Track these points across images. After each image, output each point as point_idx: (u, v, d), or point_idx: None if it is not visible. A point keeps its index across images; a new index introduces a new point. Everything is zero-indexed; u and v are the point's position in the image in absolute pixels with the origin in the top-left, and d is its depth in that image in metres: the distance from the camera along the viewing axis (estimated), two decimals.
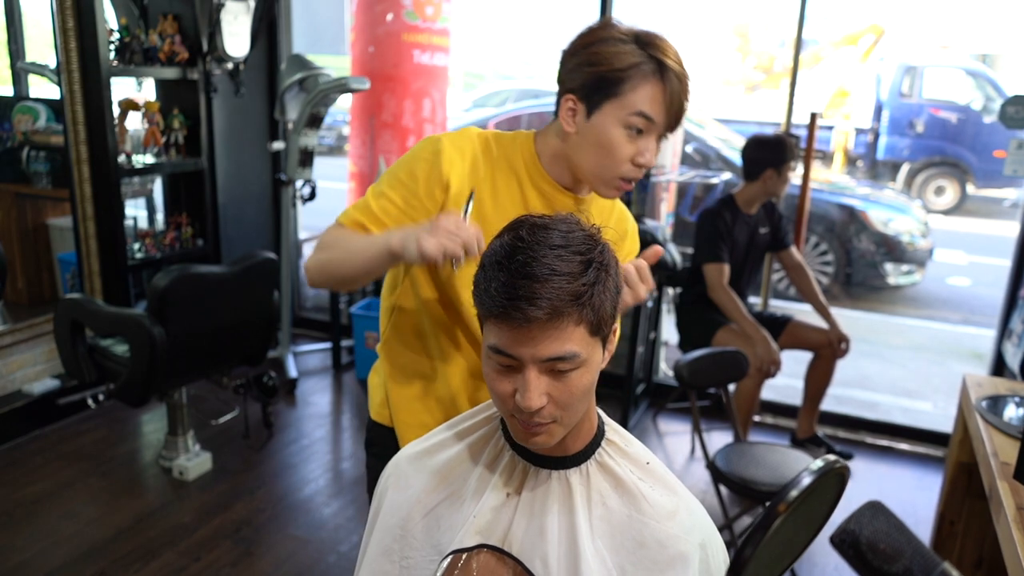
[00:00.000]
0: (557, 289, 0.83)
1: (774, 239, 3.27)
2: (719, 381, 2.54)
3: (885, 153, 9.05)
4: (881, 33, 8.28)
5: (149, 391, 2.68)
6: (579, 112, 1.21)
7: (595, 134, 1.20)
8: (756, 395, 3.04)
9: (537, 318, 0.83)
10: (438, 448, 1.05)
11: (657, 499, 0.96)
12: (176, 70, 3.58)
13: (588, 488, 0.97)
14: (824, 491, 0.77)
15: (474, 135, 1.30)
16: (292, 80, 3.54)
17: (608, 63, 1.16)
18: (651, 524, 0.94)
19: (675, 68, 1.18)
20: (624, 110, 1.17)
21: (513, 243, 0.86)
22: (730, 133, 6.42)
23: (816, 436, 3.29)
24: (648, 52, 1.17)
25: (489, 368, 0.91)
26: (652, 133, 1.20)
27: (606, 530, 0.95)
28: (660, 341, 3.88)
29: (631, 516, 0.95)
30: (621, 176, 1.22)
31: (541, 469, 0.98)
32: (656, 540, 0.94)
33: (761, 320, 3.19)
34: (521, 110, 7.16)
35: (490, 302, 0.86)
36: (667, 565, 0.92)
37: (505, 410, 0.92)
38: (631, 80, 1.16)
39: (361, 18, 5.03)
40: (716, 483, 2.43)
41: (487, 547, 0.96)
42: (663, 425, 3.64)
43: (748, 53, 9.58)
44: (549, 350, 0.85)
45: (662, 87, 1.17)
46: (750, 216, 3.18)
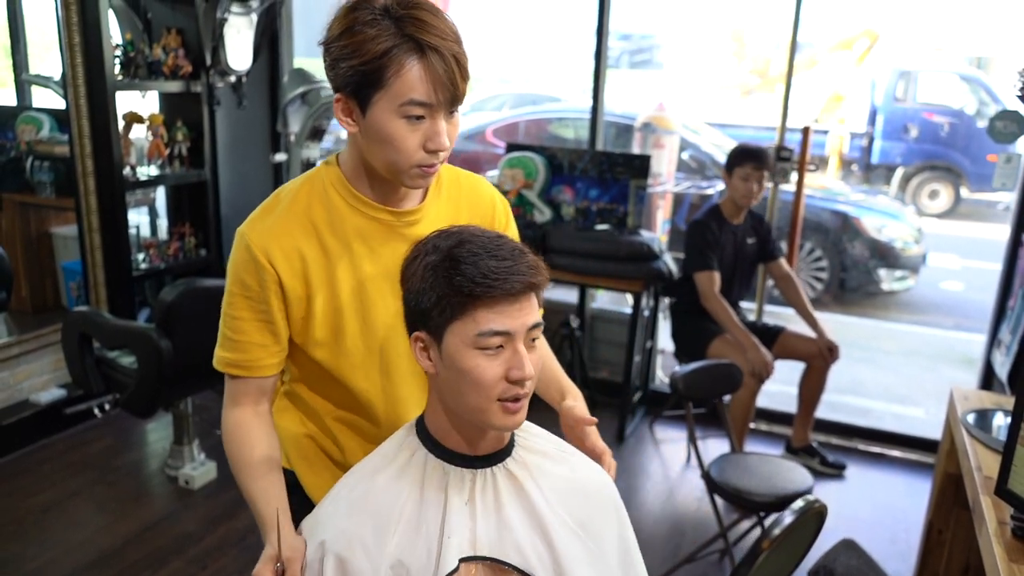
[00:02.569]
0: (533, 264, 0.99)
1: (762, 250, 3.35)
2: (714, 393, 2.61)
3: (880, 157, 9.12)
4: (876, 38, 8.32)
5: (156, 402, 2.73)
6: (354, 111, 1.13)
7: (375, 130, 1.11)
8: (751, 405, 3.11)
9: (528, 289, 0.98)
10: (366, 494, 1.05)
11: (575, 455, 1.15)
12: (180, 83, 3.63)
13: (528, 468, 1.09)
14: (805, 528, 0.83)
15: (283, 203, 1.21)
16: (294, 94, 3.59)
17: (363, 54, 1.06)
18: (583, 476, 1.13)
19: (436, 42, 1.07)
20: (395, 101, 1.08)
21: (485, 239, 0.99)
22: (726, 139, 6.48)
23: (810, 446, 3.35)
24: (404, 31, 1.06)
25: (474, 359, 0.98)
26: (435, 114, 1.10)
27: (559, 497, 1.08)
28: (656, 350, 3.94)
29: (569, 476, 1.11)
30: (417, 165, 1.13)
31: (483, 470, 1.06)
32: (594, 488, 1.13)
33: (754, 330, 3.25)
34: (518, 117, 7.21)
35: (487, 284, 0.95)
36: (609, 504, 1.14)
37: (490, 397, 0.99)
38: (391, 67, 1.06)
39: None
40: (711, 493, 2.49)
41: (470, 560, 1.01)
42: (660, 433, 3.70)
43: (744, 57, 9.64)
44: (532, 317, 0.99)
45: (427, 66, 1.07)
46: (736, 226, 3.27)
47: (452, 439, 1.06)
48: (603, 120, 3.84)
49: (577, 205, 3.67)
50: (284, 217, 1.19)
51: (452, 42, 1.09)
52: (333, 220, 1.20)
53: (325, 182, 1.21)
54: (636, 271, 3.41)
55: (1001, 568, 1.41)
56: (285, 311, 1.22)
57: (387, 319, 1.25)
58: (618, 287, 3.54)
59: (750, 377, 3.02)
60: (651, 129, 5.07)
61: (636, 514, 3.03)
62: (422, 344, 1.03)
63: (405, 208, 1.24)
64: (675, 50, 11.87)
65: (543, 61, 12.13)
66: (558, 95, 9.08)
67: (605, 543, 1.11)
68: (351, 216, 1.21)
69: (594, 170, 3.64)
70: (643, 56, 13.96)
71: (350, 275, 1.22)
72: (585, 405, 1.42)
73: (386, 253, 1.23)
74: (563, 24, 11.09)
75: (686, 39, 11.12)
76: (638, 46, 14.04)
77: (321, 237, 1.20)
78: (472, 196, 1.34)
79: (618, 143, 6.24)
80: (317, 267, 1.20)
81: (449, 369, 1.00)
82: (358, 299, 1.23)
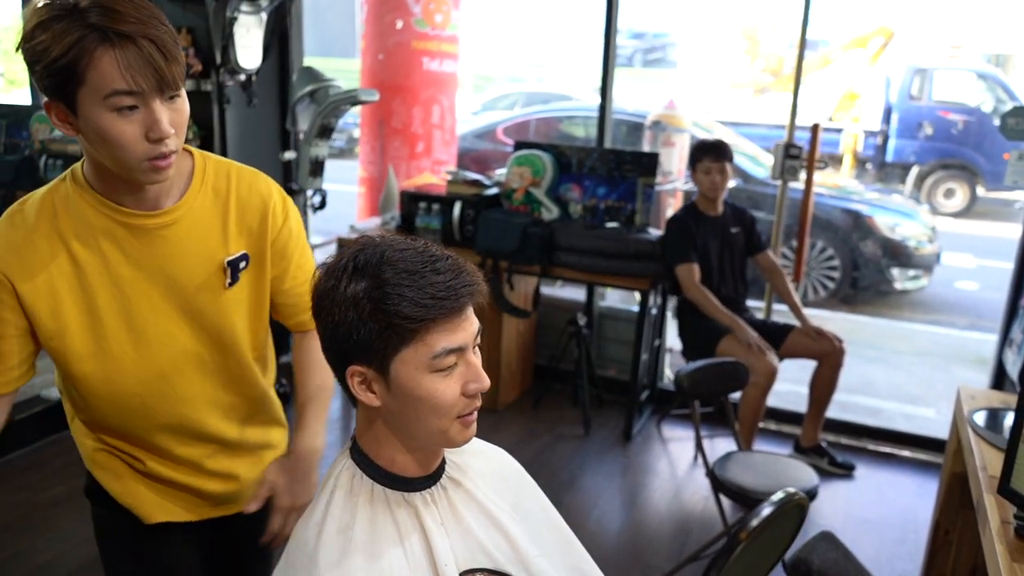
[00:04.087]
0: (470, 271, 0.94)
1: (748, 242, 3.40)
2: (719, 391, 2.60)
3: (894, 156, 9.05)
4: (891, 35, 8.26)
5: None
6: (67, 114, 1.07)
7: (92, 129, 1.06)
8: (761, 404, 3.09)
9: (476, 299, 0.94)
10: (351, 564, 0.94)
11: (479, 445, 1.16)
12: (190, 82, 3.65)
13: (462, 470, 1.08)
14: (785, 520, 0.82)
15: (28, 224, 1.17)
16: (303, 92, 3.61)
17: (51, 52, 1.01)
18: (497, 462, 1.15)
19: (126, 28, 1.02)
20: (98, 95, 1.03)
21: (412, 252, 0.92)
22: (737, 137, 6.45)
23: (819, 446, 3.33)
24: (88, 21, 1.01)
25: (432, 384, 0.92)
26: (149, 102, 1.05)
27: (491, 488, 1.10)
28: (664, 348, 3.93)
29: (488, 466, 1.12)
30: (146, 159, 1.08)
31: (435, 487, 1.03)
32: (510, 470, 1.15)
33: (763, 329, 3.24)
34: (529, 115, 7.21)
35: (438, 305, 0.89)
36: (523, 482, 1.16)
37: (451, 417, 0.95)
38: (82, 60, 1.01)
39: (371, 26, 5.10)
40: (715, 491, 2.48)
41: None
42: (667, 431, 3.69)
43: (757, 55, 9.60)
44: (475, 324, 0.96)
45: (121, 54, 1.02)
46: (716, 217, 3.35)
47: (407, 466, 1.00)
48: (612, 118, 3.83)
49: (585, 203, 3.66)
50: (28, 230, 1.16)
51: (147, 26, 1.03)
52: (80, 228, 1.18)
53: (70, 191, 1.18)
54: (643, 269, 3.40)
55: (1003, 567, 1.40)
56: (29, 327, 1.19)
57: (156, 320, 1.23)
58: (625, 285, 3.53)
59: (747, 352, 3.04)
60: (661, 127, 5.06)
61: (642, 512, 3.02)
62: (361, 378, 0.94)
63: (162, 207, 1.20)
64: (689, 49, 11.83)
65: (555, 60, 12.13)
66: (570, 93, 9.08)
67: (535, 520, 1.13)
68: (99, 221, 1.18)
69: (602, 168, 3.63)
70: (656, 55, 13.94)
71: (106, 281, 1.20)
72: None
73: (144, 256, 1.20)
74: (575, 23, 11.08)
75: (700, 38, 11.07)
76: (651, 44, 14.03)
77: (69, 246, 1.17)
78: (243, 191, 1.28)
79: (629, 141, 6.23)
80: (65, 278, 1.18)
81: (402, 399, 0.93)
82: (118, 303, 1.21)
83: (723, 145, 3.31)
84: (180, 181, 1.23)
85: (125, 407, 1.28)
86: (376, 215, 4.32)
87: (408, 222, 3.85)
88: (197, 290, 1.26)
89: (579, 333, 3.65)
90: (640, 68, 13.39)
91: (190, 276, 1.25)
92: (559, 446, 3.47)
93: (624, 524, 2.94)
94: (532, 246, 3.48)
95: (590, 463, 3.35)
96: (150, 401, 1.28)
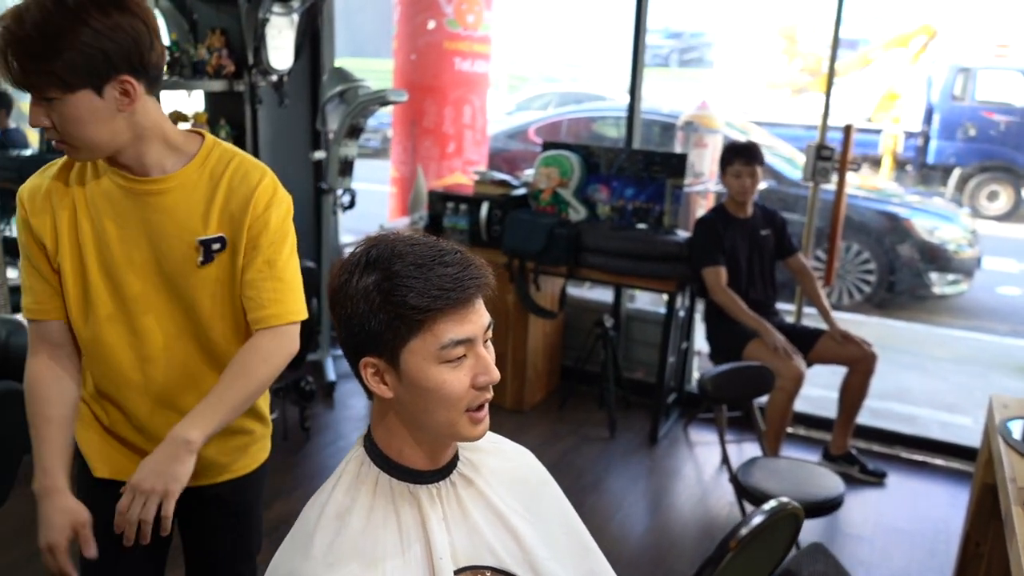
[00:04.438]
0: (478, 264, 0.95)
1: (779, 245, 3.35)
2: (744, 395, 2.56)
3: (935, 157, 8.86)
4: (933, 34, 8.09)
5: None
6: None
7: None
8: (787, 409, 3.05)
9: (483, 292, 0.95)
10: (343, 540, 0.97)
11: (502, 443, 1.16)
12: (223, 82, 3.71)
13: (476, 468, 1.08)
14: (779, 530, 0.80)
15: (52, 171, 1.33)
16: (333, 92, 3.64)
17: None
18: (517, 463, 1.14)
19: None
20: None
21: (422, 247, 0.94)
22: (773, 139, 6.36)
23: (849, 453, 3.27)
24: None
25: (440, 375, 0.94)
26: (33, 99, 1.18)
27: (506, 489, 1.09)
28: (692, 351, 3.89)
29: (506, 466, 1.12)
30: (49, 141, 1.23)
31: (444, 481, 1.04)
32: (530, 472, 1.15)
33: (793, 333, 3.20)
34: (562, 115, 7.19)
35: (445, 296, 0.91)
36: (544, 484, 1.15)
37: (460, 409, 0.96)
38: None
39: (404, 26, 5.13)
40: (739, 497, 2.45)
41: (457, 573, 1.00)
42: (694, 435, 3.65)
43: (795, 55, 9.46)
44: (486, 318, 0.97)
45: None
46: (745, 219, 3.30)
47: (415, 458, 1.02)
48: (640, 118, 3.81)
49: (613, 204, 3.64)
50: (48, 176, 1.32)
51: (18, 30, 1.10)
52: (88, 179, 1.31)
53: None
54: (670, 271, 3.37)
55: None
56: (46, 259, 1.33)
57: (132, 280, 1.33)
58: (652, 287, 3.50)
59: (774, 356, 2.99)
60: (693, 128, 5.00)
61: (666, 516, 2.99)
62: (374, 370, 0.97)
63: (154, 176, 1.30)
64: (725, 49, 11.71)
65: (589, 60, 12.09)
66: (603, 94, 9.04)
67: (551, 523, 1.12)
68: (103, 180, 1.31)
69: (630, 169, 3.60)
70: (693, 55, 13.82)
71: (93, 234, 1.31)
72: None
73: (131, 217, 1.31)
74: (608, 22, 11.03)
75: (737, 38, 10.95)
76: (688, 44, 13.90)
77: (74, 197, 1.31)
78: (235, 178, 1.33)
79: (663, 142, 6.18)
80: (66, 223, 1.31)
81: (412, 390, 0.95)
82: (101, 255, 1.32)
83: (754, 148, 3.27)
84: (181, 157, 1.32)
85: (99, 356, 1.37)
86: (406, 215, 4.34)
87: (436, 222, 3.86)
88: (172, 261, 1.33)
89: (605, 335, 3.63)
90: (676, 68, 13.29)
91: (168, 246, 1.32)
92: (584, 448, 3.45)
93: (648, 528, 2.92)
94: (559, 247, 3.47)
95: (615, 466, 3.33)
96: (121, 356, 1.36)
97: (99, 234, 1.31)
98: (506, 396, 3.77)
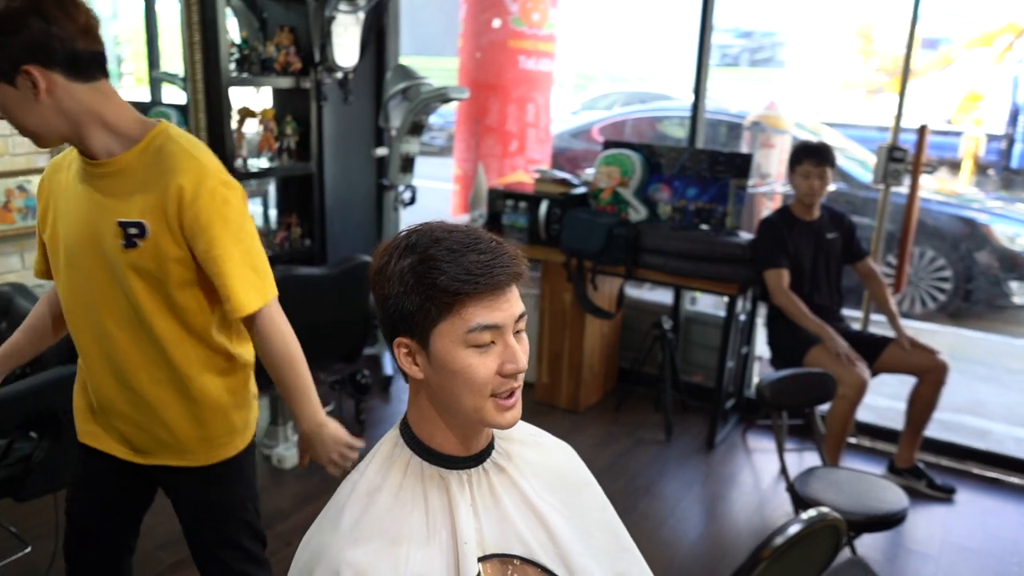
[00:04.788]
0: (513, 254, 0.96)
1: (847, 249, 3.24)
2: (804, 403, 2.49)
3: (1020, 161, 8.44)
4: (1020, 32, 7.72)
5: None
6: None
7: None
8: (849, 418, 2.94)
9: (512, 280, 0.95)
10: (369, 517, 0.99)
11: (543, 437, 1.17)
12: (290, 79, 3.78)
13: (511, 459, 1.09)
14: (815, 541, 0.76)
15: (60, 156, 1.51)
16: (396, 89, 3.67)
17: None
18: (556, 459, 1.15)
19: None
20: None
21: (459, 234, 0.96)
22: (845, 140, 6.17)
23: (916, 467, 3.14)
24: None
25: (467, 359, 0.95)
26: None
27: (541, 482, 1.09)
28: (753, 356, 3.79)
29: (544, 460, 1.12)
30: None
31: (476, 468, 1.05)
32: (569, 468, 1.15)
33: (859, 340, 3.09)
34: (626, 115, 7.12)
35: (472, 280, 0.92)
36: (583, 486, 1.15)
37: (485, 395, 0.97)
38: None
39: (469, 24, 5.15)
40: (796, 508, 2.38)
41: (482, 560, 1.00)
42: (752, 442, 3.56)
43: (871, 54, 9.16)
44: (518, 307, 0.97)
45: None
46: (811, 222, 3.21)
47: (446, 443, 1.03)
48: (705, 118, 3.73)
49: (674, 204, 3.58)
50: (56, 160, 1.51)
51: None
52: (72, 163, 1.46)
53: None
54: (731, 273, 3.30)
55: None
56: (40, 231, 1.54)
57: (80, 252, 1.45)
58: (712, 289, 3.42)
59: (836, 362, 2.90)
60: (760, 128, 4.88)
61: (720, 524, 2.93)
62: (407, 350, 0.99)
63: (101, 160, 1.40)
64: (798, 48, 11.41)
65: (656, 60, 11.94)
66: (669, 93, 8.91)
67: (587, 520, 1.12)
68: (77, 163, 1.45)
69: (693, 168, 3.54)
70: (764, 54, 13.51)
71: (62, 209, 1.47)
72: None
73: (85, 198, 1.43)
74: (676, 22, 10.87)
75: (811, 37, 10.66)
76: (759, 44, 13.60)
77: (61, 175, 1.49)
78: (166, 168, 1.39)
79: (729, 143, 6.06)
80: (52, 198, 1.49)
81: (440, 372, 0.97)
82: (65, 231, 1.47)
83: (825, 149, 3.17)
84: (126, 142, 1.40)
85: (70, 320, 1.52)
86: (467, 212, 4.36)
87: (495, 219, 3.86)
88: (105, 241, 1.42)
89: (663, 336, 3.58)
90: (746, 68, 13.02)
91: (103, 227, 1.42)
92: (639, 451, 3.40)
93: (700, 535, 2.86)
94: (617, 247, 3.43)
95: (670, 470, 3.27)
96: (82, 323, 1.50)
97: (65, 214, 1.46)
98: (561, 396, 3.75)
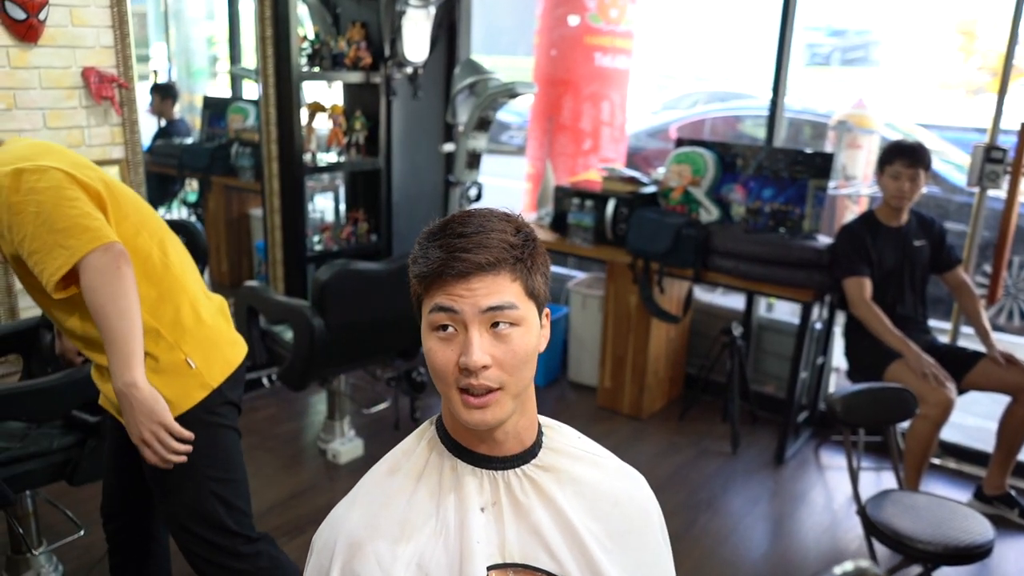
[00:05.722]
0: (491, 239, 0.90)
1: (937, 257, 3.02)
2: (878, 420, 2.31)
3: None
4: None
5: (307, 377, 2.85)
6: None
7: None
8: (931, 439, 2.74)
9: (477, 264, 0.88)
10: (380, 494, 0.99)
11: (608, 460, 1.07)
12: (360, 74, 3.79)
13: (552, 472, 1.01)
14: None
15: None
16: (463, 84, 3.63)
17: None
18: (615, 484, 1.04)
19: None
20: None
21: (457, 219, 0.93)
22: (941, 142, 5.82)
23: (1008, 494, 2.90)
24: None
25: (429, 341, 0.92)
26: None
27: (582, 504, 1.00)
28: (829, 367, 3.59)
29: (596, 481, 1.02)
30: None
31: (505, 472, 0.98)
32: (626, 497, 1.04)
33: (947, 355, 2.88)
34: (705, 114, 6.91)
35: (429, 263, 0.90)
36: (642, 525, 1.04)
37: (448, 384, 0.92)
38: None
39: (546, 21, 5.07)
40: (867, 533, 2.21)
41: (501, 567, 0.95)
42: (825, 458, 3.37)
43: (972, 53, 8.65)
44: (488, 299, 0.89)
45: None
46: (897, 228, 3.00)
47: (468, 438, 0.99)
48: (784, 116, 3.55)
49: (748, 205, 3.42)
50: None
51: None
52: None
53: None
54: (807, 279, 3.12)
55: None
56: None
57: None
58: (785, 295, 3.24)
59: (919, 380, 2.70)
60: (847, 127, 4.64)
61: (785, 543, 2.77)
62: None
63: None
64: (893, 47, 10.88)
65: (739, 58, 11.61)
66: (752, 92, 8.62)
67: (631, 552, 1.01)
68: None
69: (770, 168, 3.37)
70: (857, 53, 12.96)
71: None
72: None
73: None
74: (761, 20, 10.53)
75: (907, 35, 10.16)
76: (852, 43, 13.06)
77: None
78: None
79: (813, 143, 5.80)
80: None
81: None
82: None
83: (920, 149, 2.94)
84: None
85: None
86: (535, 211, 4.29)
87: (561, 218, 3.78)
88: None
89: (733, 343, 3.42)
90: (838, 67, 12.52)
91: None
92: (703, 462, 3.26)
93: (764, 554, 2.70)
94: (686, 248, 3.30)
95: (735, 484, 3.12)
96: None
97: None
98: (624, 401, 3.63)
